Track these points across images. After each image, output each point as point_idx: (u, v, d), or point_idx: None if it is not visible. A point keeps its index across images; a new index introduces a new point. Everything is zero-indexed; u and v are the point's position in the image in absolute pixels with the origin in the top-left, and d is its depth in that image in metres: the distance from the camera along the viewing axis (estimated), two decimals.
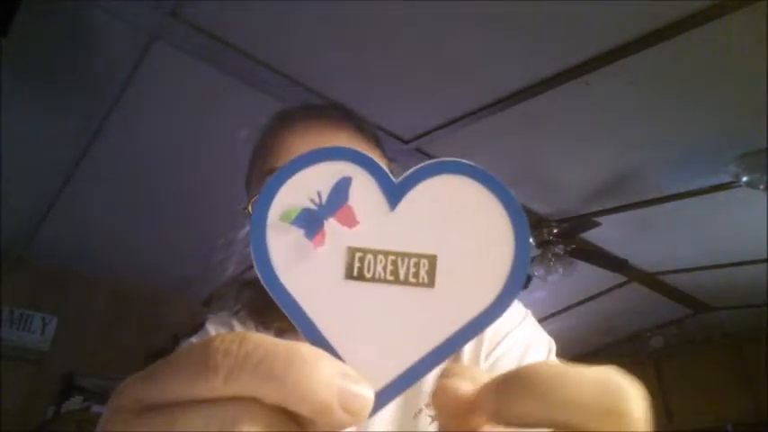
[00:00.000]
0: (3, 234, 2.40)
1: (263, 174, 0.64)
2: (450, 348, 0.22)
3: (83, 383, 2.60)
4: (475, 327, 0.22)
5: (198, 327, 0.70)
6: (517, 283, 0.22)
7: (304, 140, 0.64)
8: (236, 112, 1.85)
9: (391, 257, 0.23)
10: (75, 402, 2.49)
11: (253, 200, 0.61)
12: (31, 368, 2.60)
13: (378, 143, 0.70)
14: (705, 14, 1.54)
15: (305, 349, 0.19)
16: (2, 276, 2.57)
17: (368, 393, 0.20)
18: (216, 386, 0.19)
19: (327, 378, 0.19)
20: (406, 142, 2.09)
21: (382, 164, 0.24)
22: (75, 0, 1.51)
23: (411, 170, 0.23)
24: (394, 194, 0.23)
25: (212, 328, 0.67)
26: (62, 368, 2.64)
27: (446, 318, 0.22)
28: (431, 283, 0.22)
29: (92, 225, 2.50)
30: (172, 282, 2.90)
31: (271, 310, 0.61)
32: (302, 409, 0.19)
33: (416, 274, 0.22)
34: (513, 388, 0.19)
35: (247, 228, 0.69)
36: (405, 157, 2.11)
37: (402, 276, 0.22)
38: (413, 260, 0.23)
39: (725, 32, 1.60)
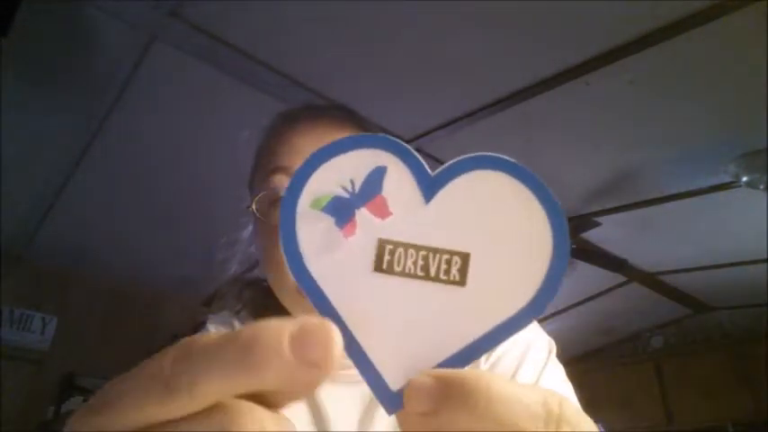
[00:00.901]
0: (3, 234, 2.40)
1: (266, 173, 0.64)
2: (476, 351, 0.21)
3: (83, 383, 2.60)
4: (505, 330, 0.21)
5: (198, 326, 0.70)
6: (554, 287, 0.21)
7: (307, 140, 0.64)
8: (236, 112, 1.86)
9: (422, 252, 0.22)
10: (75, 402, 2.49)
11: (256, 199, 0.61)
12: (31, 368, 2.60)
13: None
14: (705, 14, 1.54)
15: (244, 332, 0.19)
16: (2, 276, 2.57)
17: (326, 337, 0.19)
18: (184, 403, 0.18)
19: (274, 349, 0.18)
20: (407, 142, 2.09)
21: None
22: (76, 0, 1.51)
23: (448, 163, 0.23)
24: (429, 187, 0.22)
25: (213, 328, 0.67)
26: (62, 368, 2.64)
27: (475, 319, 0.21)
28: (462, 281, 0.22)
29: (92, 225, 2.50)
30: (172, 282, 2.90)
31: (272, 309, 0.61)
32: (272, 387, 0.19)
33: (447, 272, 0.22)
34: (449, 393, 0.19)
35: (250, 227, 0.69)
36: None
37: (433, 273, 0.22)
38: (444, 257, 0.22)
39: (725, 32, 1.60)
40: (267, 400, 0.20)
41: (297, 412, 0.58)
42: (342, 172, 0.22)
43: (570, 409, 0.19)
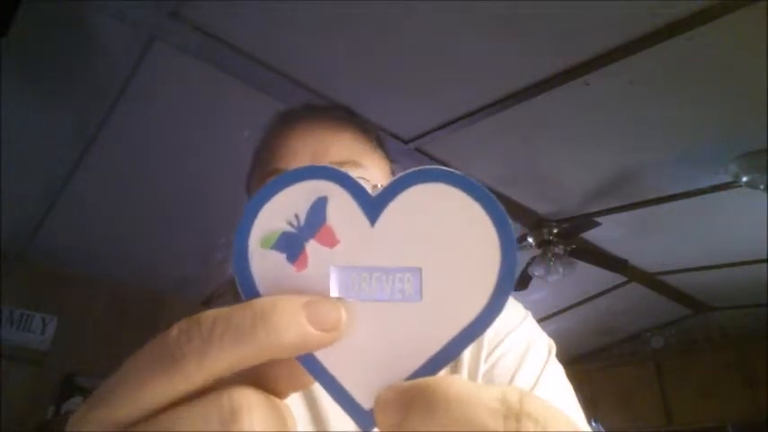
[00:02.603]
0: (3, 234, 2.40)
1: (264, 175, 0.64)
2: (443, 360, 0.22)
3: (83, 383, 2.60)
4: (467, 336, 0.22)
5: None
6: (506, 289, 0.22)
7: (306, 141, 0.64)
8: (236, 111, 1.86)
9: (375, 274, 0.22)
10: (75, 402, 2.49)
11: None
12: (31, 368, 2.60)
13: (380, 144, 0.70)
14: (705, 14, 1.54)
15: (259, 301, 0.20)
16: (2, 276, 2.57)
17: (334, 305, 0.21)
18: (191, 373, 0.19)
19: (292, 315, 0.20)
20: (406, 142, 2.10)
21: (386, 166, 0.24)
22: (76, 0, 1.51)
23: (389, 182, 0.23)
24: (373, 209, 0.23)
25: None
26: (62, 368, 2.64)
27: (436, 330, 0.22)
28: (417, 296, 0.22)
29: (92, 225, 2.50)
30: (171, 282, 2.90)
31: None
32: (284, 354, 0.20)
33: (402, 289, 0.22)
34: (411, 403, 0.19)
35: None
36: (405, 157, 2.12)
37: (388, 293, 0.22)
38: (397, 275, 0.22)
39: (725, 32, 1.60)
40: (269, 390, 0.21)
41: (295, 411, 0.58)
42: (285, 207, 0.23)
43: (533, 404, 0.19)
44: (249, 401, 0.19)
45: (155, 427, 0.19)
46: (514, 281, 0.22)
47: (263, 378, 0.21)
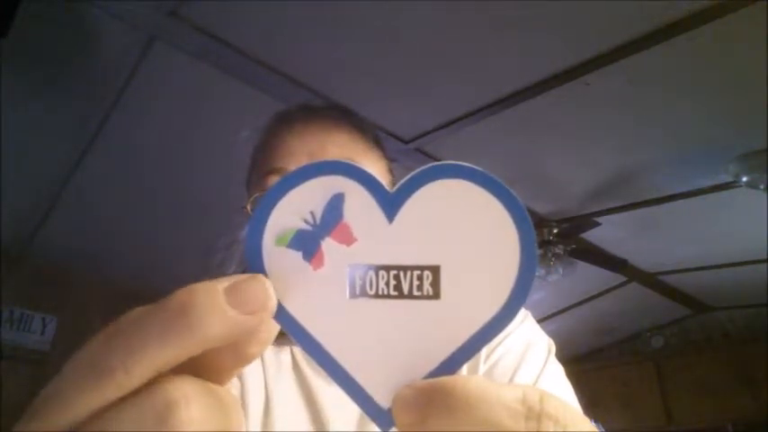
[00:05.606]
0: (3, 234, 2.40)
1: (262, 174, 0.65)
2: (461, 358, 0.22)
3: None
4: (485, 335, 0.22)
5: None
6: (525, 288, 0.21)
7: (303, 141, 0.64)
8: (236, 112, 1.85)
9: (393, 272, 0.22)
10: None
11: (251, 200, 0.62)
12: (31, 368, 2.60)
13: (378, 143, 0.70)
14: (705, 14, 1.54)
15: (177, 296, 0.19)
16: (2, 276, 2.57)
17: (258, 282, 0.20)
18: (121, 382, 0.18)
19: (213, 304, 0.19)
20: (406, 142, 2.09)
21: (383, 165, 0.24)
22: (76, 0, 1.51)
23: (406, 177, 0.23)
24: (390, 206, 0.22)
25: None
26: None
27: (454, 328, 0.22)
28: (436, 294, 0.22)
29: (92, 225, 2.50)
30: (172, 282, 2.89)
31: None
32: (215, 344, 0.19)
33: (420, 287, 0.22)
34: (431, 402, 0.19)
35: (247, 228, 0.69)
36: (405, 157, 2.12)
37: (406, 290, 0.22)
38: (416, 273, 0.22)
39: (725, 32, 1.60)
40: (209, 377, 0.20)
41: (295, 412, 0.58)
42: (300, 204, 0.22)
43: (552, 404, 0.19)
44: (186, 392, 0.18)
45: (90, 429, 0.18)
46: (534, 278, 0.22)
47: (200, 367, 0.20)
